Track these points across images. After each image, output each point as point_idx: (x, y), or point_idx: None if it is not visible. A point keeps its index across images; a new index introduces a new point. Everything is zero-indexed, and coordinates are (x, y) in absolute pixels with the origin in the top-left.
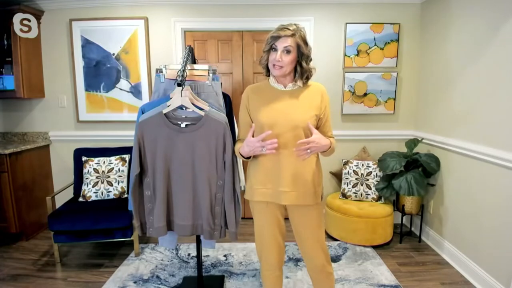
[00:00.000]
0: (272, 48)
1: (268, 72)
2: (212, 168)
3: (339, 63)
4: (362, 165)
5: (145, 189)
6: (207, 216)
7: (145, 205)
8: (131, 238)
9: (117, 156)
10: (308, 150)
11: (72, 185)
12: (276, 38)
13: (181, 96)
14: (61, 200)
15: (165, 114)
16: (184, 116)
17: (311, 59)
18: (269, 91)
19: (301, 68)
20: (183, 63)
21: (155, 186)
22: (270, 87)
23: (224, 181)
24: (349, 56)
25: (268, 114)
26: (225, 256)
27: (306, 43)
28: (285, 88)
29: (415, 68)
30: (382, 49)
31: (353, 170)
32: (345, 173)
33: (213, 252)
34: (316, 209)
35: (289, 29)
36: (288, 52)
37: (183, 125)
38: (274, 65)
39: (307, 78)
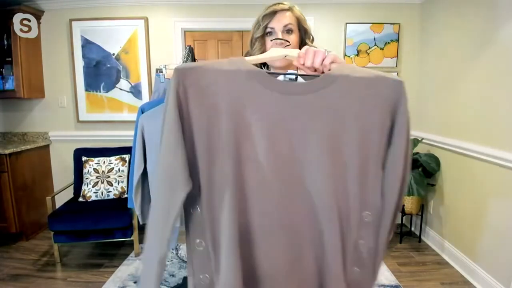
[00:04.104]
0: (267, 33)
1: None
2: (361, 181)
3: None
4: None
5: (191, 231)
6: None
7: (197, 274)
8: (131, 238)
9: (117, 156)
10: None
11: (72, 185)
12: (271, 15)
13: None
14: (61, 200)
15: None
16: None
17: (313, 38)
18: None
19: None
20: (183, 63)
21: (217, 222)
22: None
23: (379, 211)
24: (349, 56)
25: None
26: None
27: (304, 18)
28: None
29: (415, 68)
30: (382, 49)
31: None
32: None
33: None
34: None
35: (283, 3)
36: (290, 31)
37: (287, 79)
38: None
39: None
